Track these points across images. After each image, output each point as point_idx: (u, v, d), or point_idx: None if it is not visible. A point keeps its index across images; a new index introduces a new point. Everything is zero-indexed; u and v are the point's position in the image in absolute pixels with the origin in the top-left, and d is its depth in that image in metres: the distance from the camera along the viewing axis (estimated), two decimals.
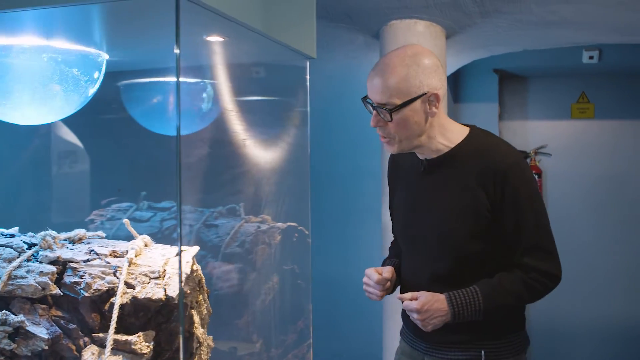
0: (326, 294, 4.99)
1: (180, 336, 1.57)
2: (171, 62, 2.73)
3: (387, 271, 2.00)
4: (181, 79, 2.89)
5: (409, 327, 2.04)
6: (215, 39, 1.94)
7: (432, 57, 1.91)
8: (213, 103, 2.98)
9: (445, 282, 1.91)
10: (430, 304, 1.86)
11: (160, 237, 3.02)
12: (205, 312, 2.24)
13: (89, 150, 3.16)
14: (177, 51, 1.37)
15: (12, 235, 2.00)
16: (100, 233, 2.15)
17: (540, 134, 5.67)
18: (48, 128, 2.85)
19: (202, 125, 3.06)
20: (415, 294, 1.90)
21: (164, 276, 1.88)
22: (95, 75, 2.10)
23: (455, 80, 5.19)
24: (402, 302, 1.93)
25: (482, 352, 1.90)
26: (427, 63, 1.86)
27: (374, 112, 1.88)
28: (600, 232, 5.62)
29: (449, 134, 1.95)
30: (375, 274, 1.98)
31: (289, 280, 2.64)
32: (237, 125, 3.07)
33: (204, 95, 2.93)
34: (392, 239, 2.26)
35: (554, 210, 5.58)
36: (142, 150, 3.33)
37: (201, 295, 2.18)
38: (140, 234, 3.11)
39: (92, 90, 2.14)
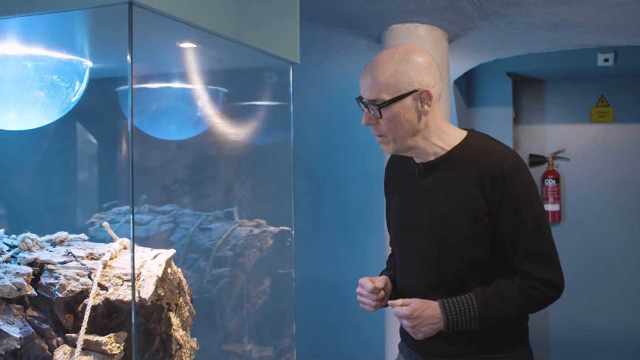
0: (335, 297, 5.00)
1: (133, 339, 1.59)
2: (161, 68, 2.78)
3: (380, 280, 1.95)
4: (172, 85, 2.95)
5: (407, 341, 2.00)
6: (188, 45, 1.97)
7: (425, 55, 1.88)
8: (205, 109, 3.02)
9: (441, 290, 1.85)
10: (420, 310, 1.80)
11: (158, 239, 3.08)
12: (187, 314, 2.26)
13: (90, 155, 3.23)
14: (129, 59, 1.41)
15: None
16: (82, 236, 2.20)
17: (558, 138, 5.59)
18: (49, 132, 2.93)
19: (197, 132, 3.11)
20: (406, 300, 1.85)
21: (139, 279, 1.91)
22: (77, 82, 2.15)
23: (468, 85, 5.15)
24: (394, 308, 1.91)
25: None
26: (418, 60, 1.84)
27: (365, 109, 1.87)
28: (622, 237, 5.51)
29: (445, 136, 1.90)
30: (369, 283, 1.93)
31: (275, 284, 2.66)
32: (229, 130, 3.11)
33: (198, 101, 2.98)
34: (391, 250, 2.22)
35: (572, 216, 5.49)
36: (143, 154, 3.40)
37: (181, 298, 2.22)
38: (139, 237, 3.17)
39: (75, 97, 2.18)
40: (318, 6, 3.40)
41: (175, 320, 2.16)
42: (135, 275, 1.91)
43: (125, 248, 2.15)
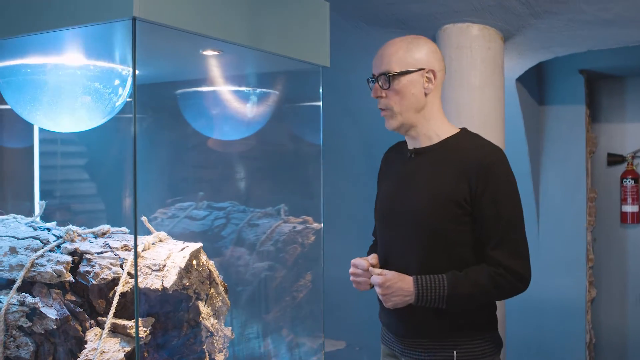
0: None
1: (135, 325, 1.74)
2: (208, 74, 2.93)
3: (373, 257, 2.08)
4: (224, 88, 3.11)
5: (382, 318, 2.11)
6: (211, 52, 2.11)
7: (433, 44, 2.08)
8: (257, 111, 3.17)
9: (422, 271, 1.95)
10: (393, 281, 1.93)
11: (210, 234, 3.26)
12: (219, 304, 2.42)
13: (156, 154, 3.45)
14: (131, 69, 1.55)
15: (48, 229, 2.28)
16: (124, 229, 2.39)
17: (639, 137, 5.35)
18: (120, 135, 3.17)
19: (249, 132, 3.27)
20: (384, 271, 1.98)
21: (163, 269, 2.08)
22: (120, 88, 2.34)
23: (540, 83, 5.04)
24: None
25: (455, 352, 1.94)
26: (428, 45, 2.05)
27: (375, 84, 2.01)
28: None
29: (442, 125, 2.06)
30: (364, 262, 2.05)
31: (306, 278, 2.77)
32: (278, 131, 3.25)
33: (248, 103, 3.13)
34: None
35: None
36: (202, 153, 3.60)
37: (213, 289, 2.37)
38: (193, 231, 3.37)
39: (119, 101, 2.38)
40: (374, 9, 3.48)
41: (205, 309, 2.32)
42: (161, 266, 2.08)
43: (161, 241, 2.33)
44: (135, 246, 1.67)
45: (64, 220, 2.72)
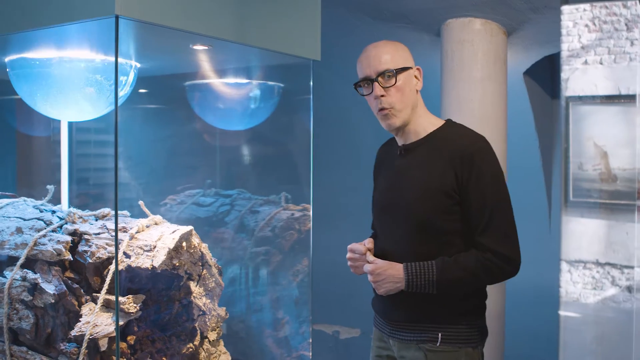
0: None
1: (116, 302, 1.87)
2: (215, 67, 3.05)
3: (369, 241, 2.15)
4: (224, 80, 3.23)
5: (375, 304, 2.20)
6: (200, 47, 2.23)
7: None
8: (260, 102, 3.30)
9: (412, 257, 2.02)
10: (383, 269, 2.02)
11: (215, 220, 3.40)
12: (212, 285, 2.56)
13: (165, 144, 3.60)
14: (116, 62, 1.68)
15: (53, 212, 2.45)
16: (125, 212, 2.54)
17: None
18: (128, 125, 3.33)
19: (253, 123, 3.40)
20: (375, 259, 2.07)
21: (153, 250, 2.22)
22: (123, 80, 2.48)
23: (552, 76, 5.05)
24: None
25: (439, 334, 2.02)
26: (406, 47, 2.12)
27: (375, 84, 2.06)
28: None
29: (426, 120, 2.12)
30: (361, 246, 2.14)
31: (303, 263, 2.88)
32: (282, 122, 3.37)
33: (251, 95, 3.26)
34: None
35: None
36: (212, 143, 3.74)
37: (206, 270, 2.51)
38: (199, 217, 3.51)
39: (123, 92, 2.52)
40: (378, 5, 3.58)
41: (196, 289, 2.46)
42: (152, 247, 2.22)
43: (156, 224, 2.48)
44: (116, 225, 1.80)
45: (81, 204, 2.89)
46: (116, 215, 1.77)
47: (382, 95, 2.05)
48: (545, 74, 4.97)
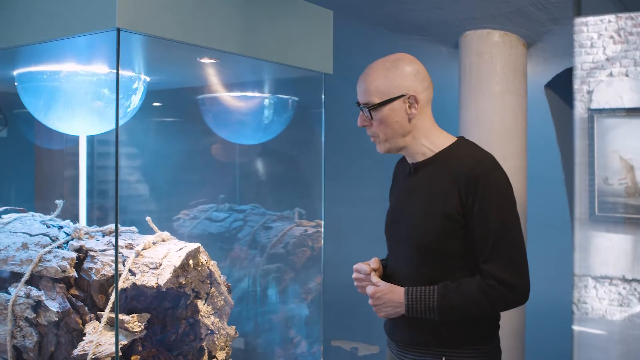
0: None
1: (115, 319, 1.83)
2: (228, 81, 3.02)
3: (374, 262, 2.08)
4: (238, 94, 3.20)
5: (387, 333, 2.13)
6: (208, 60, 2.19)
7: (414, 63, 2.00)
8: (274, 116, 3.25)
9: (415, 279, 1.96)
10: (383, 293, 1.96)
11: (227, 235, 3.36)
12: (221, 303, 2.50)
13: (178, 158, 3.56)
14: (117, 75, 1.64)
15: (60, 227, 2.41)
16: (133, 228, 2.50)
17: None
18: (147, 140, 3.31)
19: (267, 137, 3.35)
20: (379, 281, 2.00)
21: (159, 267, 2.17)
22: (131, 94, 2.45)
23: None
24: None
25: (443, 358, 1.94)
26: (407, 68, 1.97)
27: (360, 112, 2.02)
28: None
29: (435, 139, 2.01)
30: (366, 266, 2.07)
31: (316, 280, 2.82)
32: (297, 135, 3.32)
33: (265, 109, 3.22)
34: None
35: None
36: (226, 158, 3.71)
37: (214, 288, 2.45)
38: (211, 232, 3.46)
39: (131, 107, 2.49)
40: (395, 17, 3.52)
41: (204, 307, 2.40)
42: (157, 265, 2.17)
43: (163, 240, 2.43)
44: (116, 240, 1.75)
45: (99, 217, 2.87)
46: (116, 231, 1.73)
47: (365, 125, 2.01)
48: (567, 86, 4.85)
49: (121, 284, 2.12)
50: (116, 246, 1.77)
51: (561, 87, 4.66)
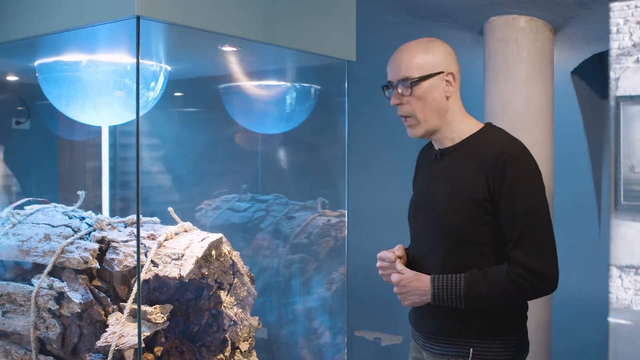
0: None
1: (138, 309, 1.81)
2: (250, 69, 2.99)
3: (398, 249, 2.06)
4: (260, 82, 3.16)
5: (412, 323, 2.10)
6: (229, 48, 2.16)
7: (447, 46, 2.02)
8: (296, 105, 3.21)
9: (444, 270, 1.93)
10: (409, 280, 1.93)
11: (250, 226, 3.34)
12: (244, 294, 2.48)
13: (201, 148, 3.55)
14: (137, 64, 1.62)
15: (82, 218, 2.40)
16: (155, 219, 2.48)
17: None
18: (169, 130, 3.30)
19: (289, 126, 3.31)
20: (404, 269, 1.97)
21: (182, 258, 2.15)
22: (152, 83, 2.43)
23: (602, 75, 4.84)
24: None
25: (471, 349, 1.91)
26: (443, 47, 1.99)
27: (394, 91, 1.98)
28: None
29: (463, 125, 2.00)
30: (390, 254, 2.05)
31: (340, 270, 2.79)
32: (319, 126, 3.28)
33: (287, 97, 3.18)
34: None
35: None
36: (249, 147, 3.68)
37: (237, 279, 2.43)
38: (234, 222, 3.45)
39: (153, 95, 2.47)
40: (417, 2, 3.46)
41: (227, 298, 2.38)
42: (180, 255, 2.16)
43: (186, 231, 2.41)
44: (138, 231, 1.73)
45: (122, 208, 2.86)
46: (138, 221, 1.71)
47: (400, 104, 1.96)
48: (595, 73, 4.76)
49: (143, 275, 2.11)
50: (138, 237, 1.75)
51: (588, 73, 4.56)
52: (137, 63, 1.65)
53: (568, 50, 3.86)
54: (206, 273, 2.19)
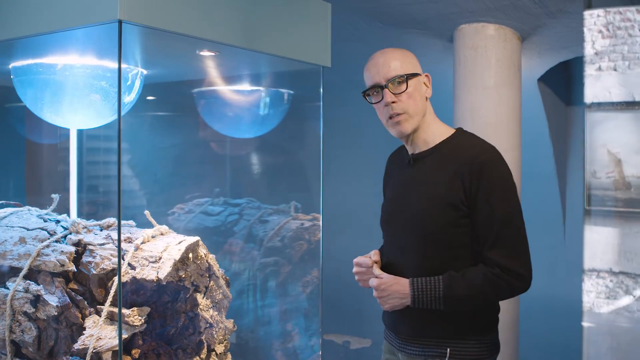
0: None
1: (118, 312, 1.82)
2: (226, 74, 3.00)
3: (374, 254, 2.10)
4: (233, 87, 3.18)
5: (384, 319, 2.14)
6: (207, 53, 2.18)
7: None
8: (270, 109, 3.24)
9: (420, 273, 1.97)
10: (388, 284, 1.96)
11: (223, 229, 3.35)
12: (220, 297, 2.49)
13: (174, 152, 3.55)
14: (119, 68, 1.63)
15: (57, 221, 2.40)
16: (131, 222, 2.49)
17: None
18: (142, 134, 3.29)
19: (262, 131, 3.34)
20: (382, 274, 2.01)
21: (159, 261, 2.16)
22: (129, 86, 2.43)
23: (567, 83, 4.97)
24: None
25: (448, 349, 1.95)
26: (414, 55, 2.07)
27: (386, 90, 2.01)
28: None
29: (436, 128, 2.07)
30: (367, 259, 2.08)
31: (312, 274, 2.82)
32: (292, 130, 3.31)
33: (260, 102, 3.21)
34: None
35: None
36: (221, 151, 3.70)
37: (213, 282, 2.44)
38: (207, 226, 3.46)
39: (129, 99, 2.47)
40: (390, 10, 3.52)
41: (203, 301, 2.40)
42: (157, 258, 2.17)
43: (162, 234, 2.42)
44: (119, 234, 1.74)
45: (89, 212, 2.85)
46: (119, 225, 1.72)
47: (394, 102, 2.00)
48: (560, 80, 4.88)
49: (120, 278, 2.11)
50: (119, 239, 1.76)
51: (554, 81, 4.68)
52: (119, 67, 1.66)
53: (535, 57, 3.96)
54: (183, 276, 2.21)
